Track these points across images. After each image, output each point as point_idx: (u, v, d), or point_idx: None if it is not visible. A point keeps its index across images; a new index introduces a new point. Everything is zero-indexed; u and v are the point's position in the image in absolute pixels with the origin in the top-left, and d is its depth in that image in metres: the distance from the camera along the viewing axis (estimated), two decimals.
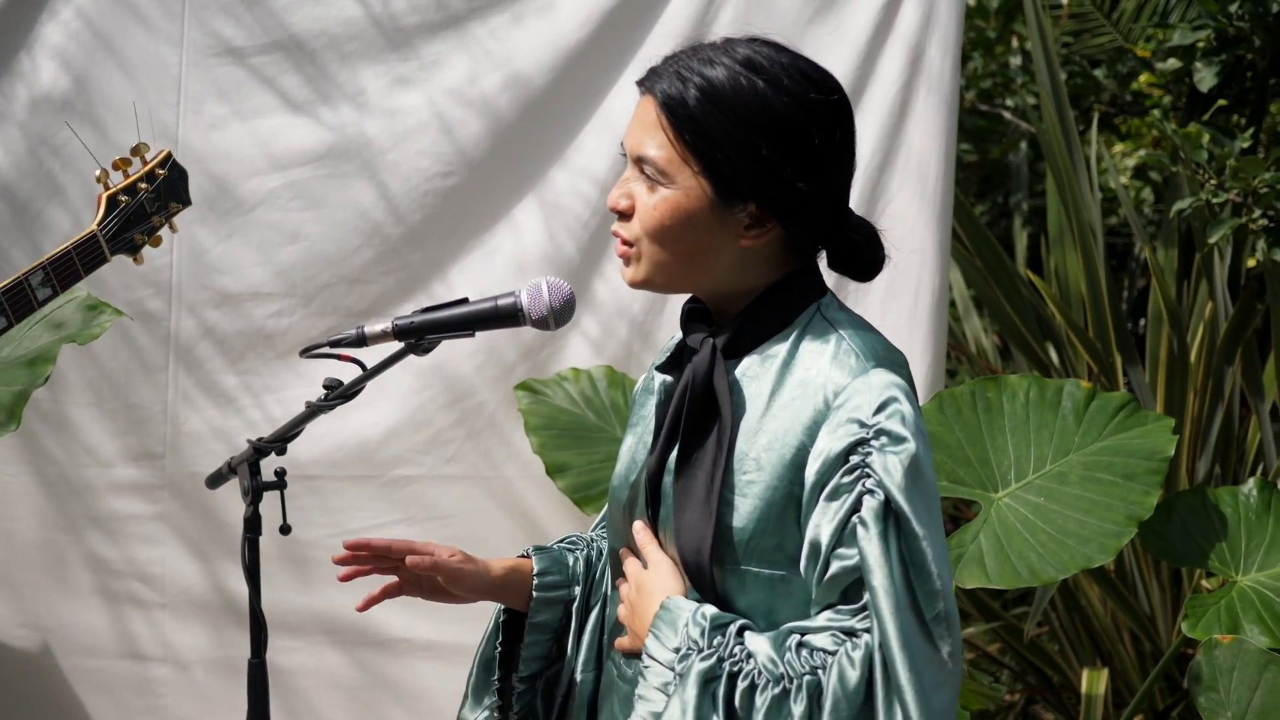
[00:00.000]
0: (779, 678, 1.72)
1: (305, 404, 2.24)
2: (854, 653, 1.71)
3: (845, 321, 1.85)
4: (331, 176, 3.14)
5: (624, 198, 1.85)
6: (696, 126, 1.77)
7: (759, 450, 1.79)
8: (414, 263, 3.19)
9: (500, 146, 3.17)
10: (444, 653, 3.27)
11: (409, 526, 3.23)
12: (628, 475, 1.97)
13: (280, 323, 3.17)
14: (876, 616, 1.70)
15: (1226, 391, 3.84)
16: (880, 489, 1.72)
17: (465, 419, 3.24)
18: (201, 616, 3.25)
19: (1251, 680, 2.22)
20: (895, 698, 1.69)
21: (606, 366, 3.27)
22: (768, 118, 1.76)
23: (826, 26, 3.14)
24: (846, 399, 1.76)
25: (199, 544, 3.24)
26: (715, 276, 1.84)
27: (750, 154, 1.76)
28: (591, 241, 3.23)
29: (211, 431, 3.20)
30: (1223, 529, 2.86)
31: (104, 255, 2.37)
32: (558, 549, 2.12)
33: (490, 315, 1.97)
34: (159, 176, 2.43)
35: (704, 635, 1.75)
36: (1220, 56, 3.86)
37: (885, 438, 1.73)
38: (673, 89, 1.79)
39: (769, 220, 1.79)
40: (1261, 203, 3.42)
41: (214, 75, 3.10)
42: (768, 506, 1.77)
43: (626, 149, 1.86)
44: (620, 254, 1.87)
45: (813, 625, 1.75)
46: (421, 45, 3.14)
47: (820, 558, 1.74)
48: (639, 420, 2.00)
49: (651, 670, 1.78)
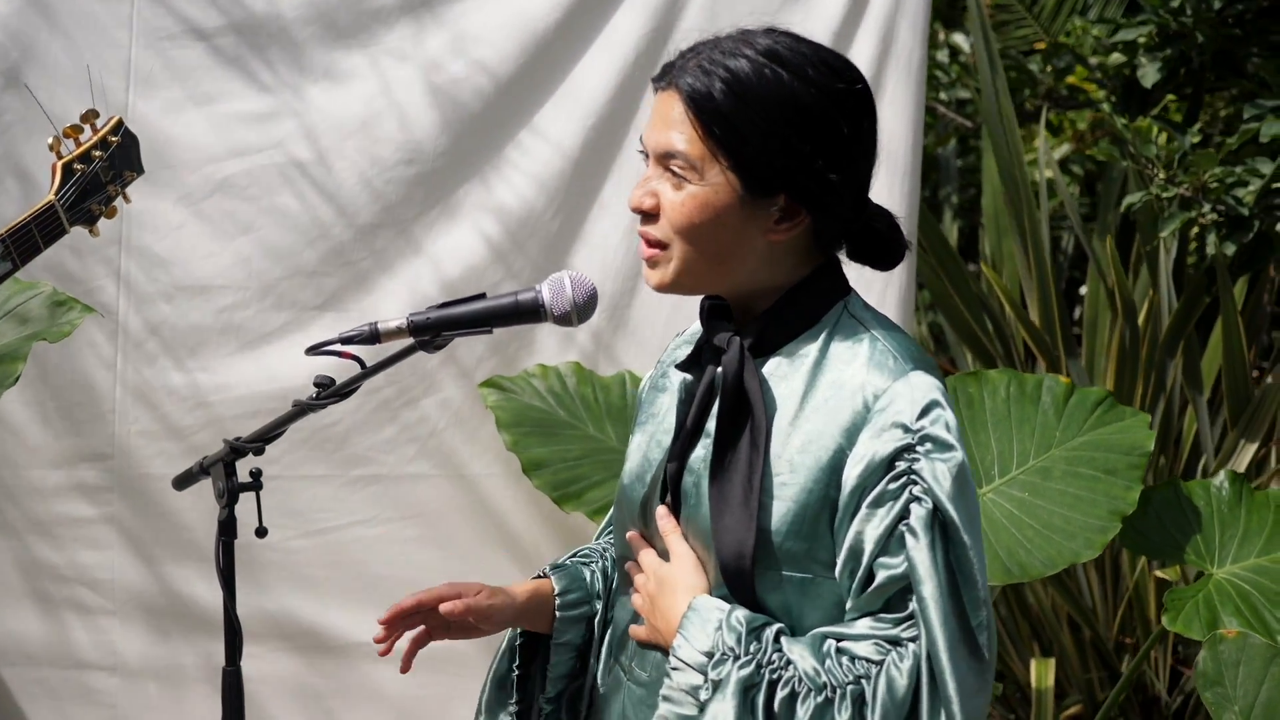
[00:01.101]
0: (821, 686, 1.68)
1: (293, 403, 2.14)
2: (902, 663, 1.68)
3: (874, 321, 1.82)
4: (289, 164, 3.03)
5: (648, 196, 1.80)
6: (725, 121, 1.72)
7: (793, 452, 1.75)
8: (375, 253, 3.08)
9: (462, 133, 3.08)
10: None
11: (371, 527, 3.15)
12: (641, 474, 1.92)
13: (235, 317, 3.05)
14: (925, 626, 1.67)
15: (1168, 383, 3.89)
16: (929, 496, 1.69)
17: (430, 416, 3.15)
18: (152, 623, 3.13)
19: (1258, 674, 2.23)
20: (942, 707, 1.68)
21: (574, 363, 3.20)
22: (795, 109, 1.72)
23: (799, 9, 3.11)
24: (889, 402, 1.72)
25: (149, 548, 3.11)
26: (743, 274, 1.79)
27: (781, 147, 1.72)
28: (558, 232, 3.16)
29: (163, 431, 3.07)
30: (1196, 522, 2.89)
31: (63, 226, 2.27)
32: (573, 565, 2.07)
33: (510, 311, 1.90)
34: (112, 144, 2.33)
35: (740, 641, 1.71)
36: (1164, 52, 3.89)
37: (931, 444, 1.71)
38: (698, 83, 1.74)
39: (799, 213, 1.76)
40: (1210, 197, 3.46)
41: (166, 58, 2.98)
42: (802, 509, 1.74)
43: (648, 146, 1.81)
44: (647, 256, 1.82)
45: (852, 633, 1.72)
46: (382, 30, 3.05)
47: (863, 565, 1.71)
48: (648, 418, 1.96)
49: (680, 672, 1.73)
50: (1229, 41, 3.87)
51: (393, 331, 1.93)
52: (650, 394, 1.99)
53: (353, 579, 3.16)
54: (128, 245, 3.01)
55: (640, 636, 1.86)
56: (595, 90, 3.11)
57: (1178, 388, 3.93)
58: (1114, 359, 3.76)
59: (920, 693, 1.68)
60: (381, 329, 1.93)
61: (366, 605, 3.16)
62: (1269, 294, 4.22)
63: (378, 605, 3.14)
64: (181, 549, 3.10)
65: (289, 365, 3.06)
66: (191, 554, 3.11)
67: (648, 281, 1.83)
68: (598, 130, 3.12)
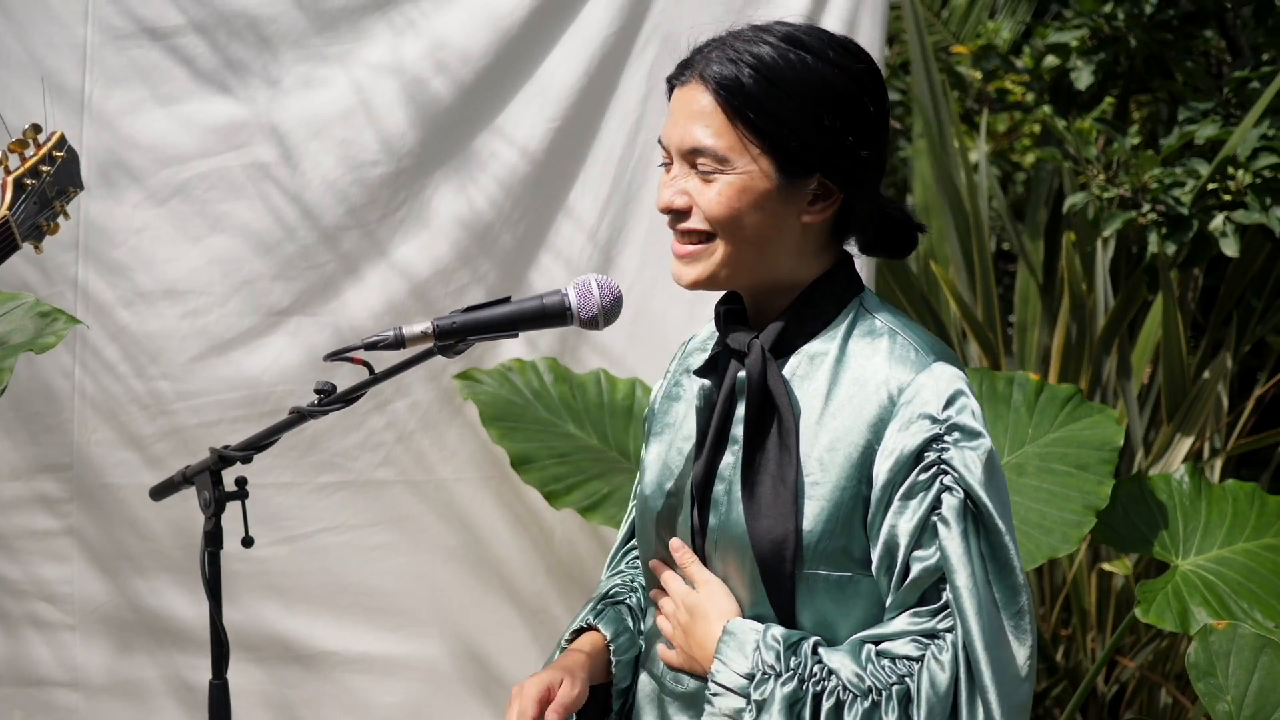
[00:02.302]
0: (866, 691, 1.70)
1: (291, 410, 2.10)
2: (941, 655, 1.70)
3: (891, 316, 1.84)
4: (253, 165, 2.96)
5: (679, 195, 1.80)
6: (757, 104, 1.73)
7: (821, 451, 1.76)
8: (342, 256, 3.03)
9: (429, 134, 3.04)
10: (375, 665, 3.14)
11: (340, 534, 3.09)
12: (661, 484, 1.91)
13: (199, 321, 2.98)
14: (960, 616, 1.68)
15: (1104, 376, 3.97)
16: (959, 485, 1.71)
17: (398, 421, 3.10)
18: (114, 637, 3.05)
19: (1248, 664, 2.27)
20: (979, 696, 1.69)
21: (550, 359, 3.18)
22: (823, 88, 1.74)
23: (765, 4, 3.12)
24: (914, 394, 1.74)
25: (111, 560, 3.03)
26: (778, 262, 1.80)
27: (814, 125, 1.74)
28: (527, 229, 3.14)
29: (124, 439, 2.99)
30: (1161, 515, 2.95)
31: (16, 242, 2.20)
32: (614, 610, 2.04)
33: (536, 314, 1.89)
34: (57, 159, 2.26)
35: (779, 658, 1.72)
36: (1098, 56, 3.97)
37: (959, 433, 1.72)
38: (726, 71, 1.75)
39: (833, 192, 1.77)
40: (1149, 197, 3.54)
41: (127, 56, 2.90)
42: (835, 508, 1.74)
43: (671, 145, 1.81)
44: (686, 254, 1.81)
45: (889, 632, 1.73)
46: (347, 29, 2.99)
47: (899, 559, 1.72)
48: (664, 427, 1.95)
49: (721, 698, 1.74)
50: (1160, 46, 3.97)
51: (418, 336, 1.91)
52: (664, 403, 1.98)
53: (321, 586, 3.11)
54: (85, 250, 2.92)
55: (672, 662, 1.85)
56: (562, 89, 3.09)
57: (1112, 383, 4.02)
58: (1058, 355, 3.83)
59: (959, 684, 1.69)
60: (407, 334, 1.90)
61: (336, 612, 3.13)
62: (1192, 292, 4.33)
63: (347, 612, 3.13)
64: (144, 560, 3.02)
65: (255, 370, 3.00)
66: (154, 565, 3.03)
67: (679, 279, 1.82)
68: (563, 131, 3.11)
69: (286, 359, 3.01)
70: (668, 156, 1.82)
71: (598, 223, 3.18)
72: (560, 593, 3.24)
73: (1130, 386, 3.97)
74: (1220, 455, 3.87)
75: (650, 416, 2.02)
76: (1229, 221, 3.46)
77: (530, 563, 3.21)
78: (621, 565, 2.13)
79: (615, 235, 3.19)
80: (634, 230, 3.20)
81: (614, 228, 3.18)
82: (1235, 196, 3.49)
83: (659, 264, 3.18)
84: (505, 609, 3.20)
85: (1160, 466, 3.74)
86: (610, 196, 3.17)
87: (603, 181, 3.16)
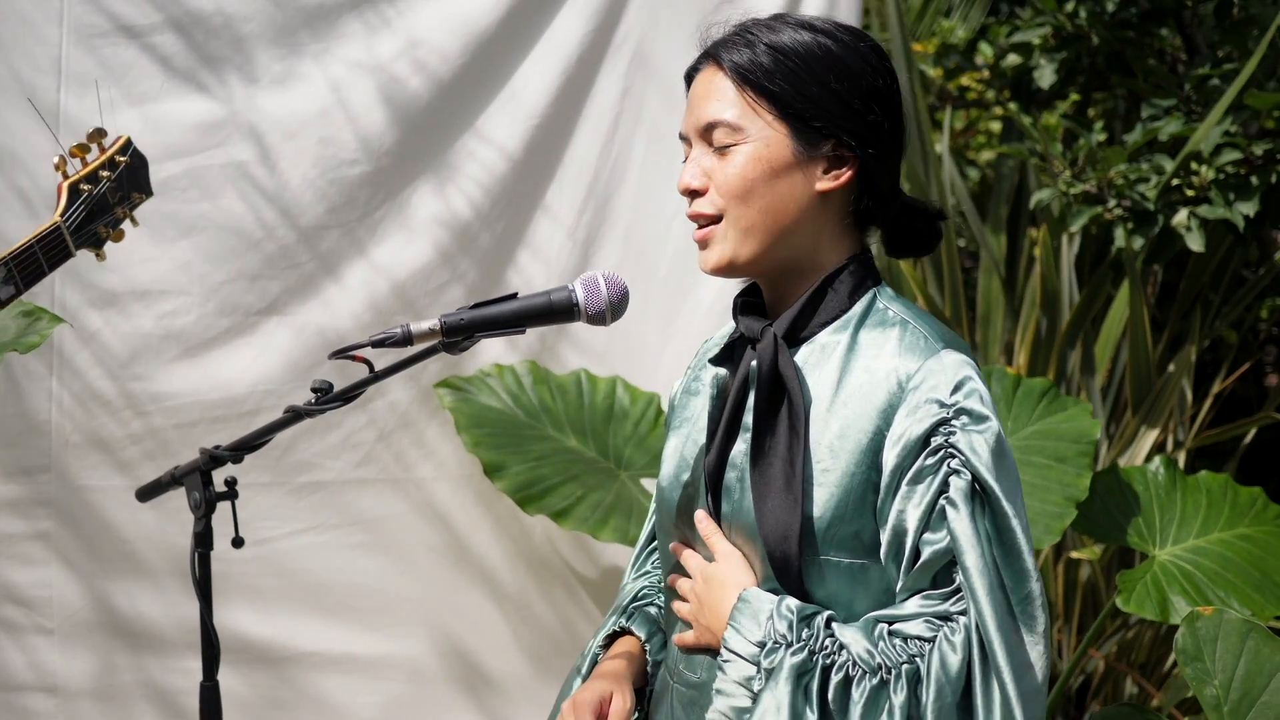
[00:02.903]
0: (875, 668, 1.70)
1: (286, 409, 2.08)
2: (954, 637, 1.70)
3: (904, 308, 1.85)
4: (230, 165, 2.94)
5: (697, 175, 1.82)
6: (770, 74, 1.78)
7: (832, 438, 1.77)
8: (320, 256, 3.02)
9: (407, 134, 3.03)
10: (356, 665, 3.13)
11: (319, 534, 3.07)
12: (678, 475, 1.92)
13: (175, 323, 2.95)
14: (971, 597, 1.69)
15: (1069, 370, 4.02)
16: (966, 469, 1.71)
17: (376, 420, 3.09)
18: (91, 641, 3.02)
19: (1235, 649, 2.30)
20: (994, 678, 1.69)
21: (530, 362, 3.17)
22: (833, 60, 1.79)
23: (737, 10, 3.13)
24: (922, 380, 1.75)
25: (87, 563, 2.99)
26: (795, 239, 1.81)
27: (822, 88, 1.78)
28: (505, 228, 3.13)
29: (100, 442, 2.96)
30: (1137, 506, 2.99)
31: (68, 249, 2.15)
32: (642, 613, 2.03)
33: (543, 311, 1.89)
34: (120, 164, 2.22)
35: (792, 628, 1.72)
36: (1061, 54, 4.02)
37: (966, 416, 1.73)
38: (740, 53, 1.80)
39: (846, 161, 1.80)
40: (1115, 192, 3.59)
41: (101, 55, 2.87)
42: (845, 494, 1.75)
43: (689, 129, 1.84)
44: (701, 237, 1.83)
45: (901, 613, 1.73)
46: (324, 29, 2.98)
47: (908, 543, 1.73)
48: (683, 421, 1.96)
49: (732, 665, 1.74)
50: (1121, 44, 4.01)
51: (425, 333, 1.89)
52: (683, 398, 1.99)
53: (298, 588, 3.09)
54: None
55: (687, 642, 1.85)
56: (538, 90, 3.09)
57: (1076, 377, 4.06)
58: (1027, 349, 3.87)
59: (973, 666, 1.69)
60: (414, 331, 1.88)
61: (312, 614, 3.11)
62: (1151, 287, 4.39)
63: (323, 614, 3.11)
64: (121, 563, 2.99)
65: (233, 372, 2.98)
66: (131, 568, 3.00)
67: (703, 266, 1.83)
68: (541, 131, 3.11)
69: (265, 360, 2.99)
70: (689, 148, 1.84)
71: (576, 222, 3.18)
72: (541, 589, 3.23)
73: (1094, 381, 4.01)
74: (1184, 448, 3.92)
75: (670, 413, 2.03)
76: (1193, 216, 3.50)
77: (511, 560, 3.21)
78: (647, 566, 2.12)
79: (593, 234, 3.19)
80: (612, 229, 3.21)
81: (592, 226, 3.19)
82: (1199, 192, 3.54)
83: (637, 262, 3.19)
84: (486, 606, 3.19)
85: (1125, 459, 3.79)
86: (588, 196, 3.17)
87: (580, 181, 3.17)
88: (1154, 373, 3.79)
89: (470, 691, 3.20)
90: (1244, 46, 3.80)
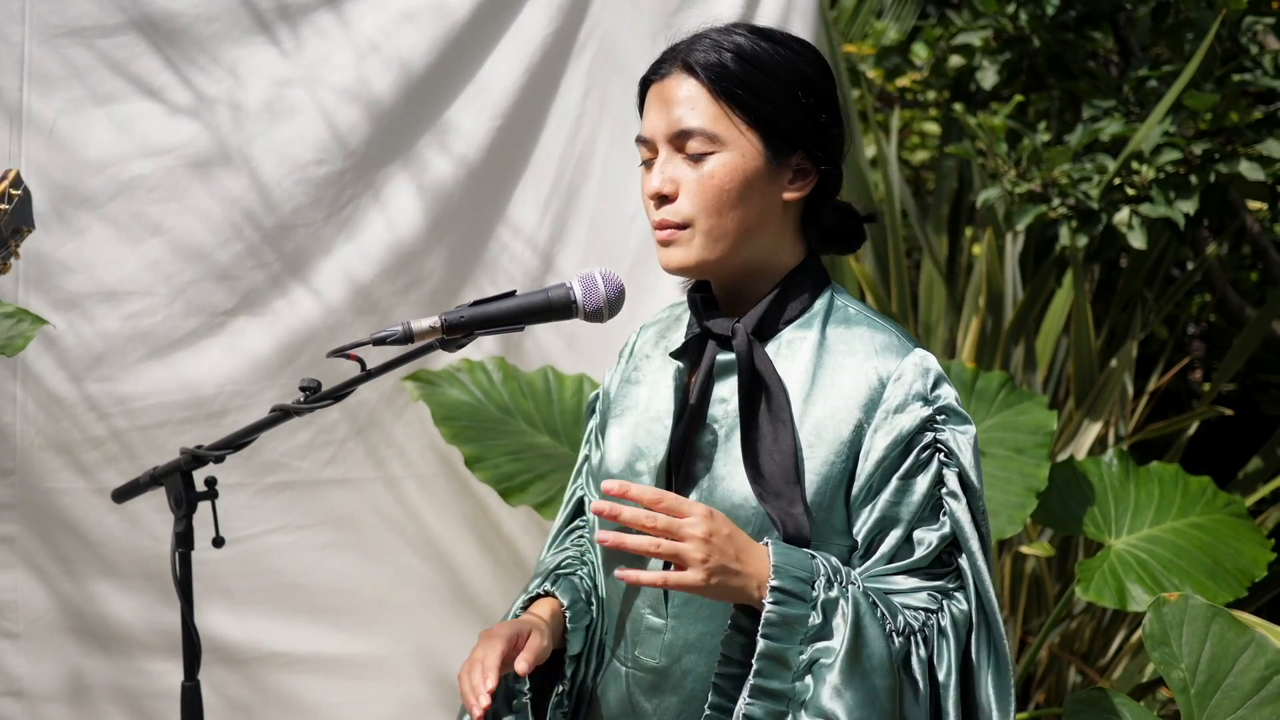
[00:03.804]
0: (901, 629, 1.78)
1: (273, 408, 2.10)
2: (962, 605, 1.82)
3: (861, 307, 1.95)
4: (197, 164, 2.93)
5: (668, 182, 1.86)
6: (742, 83, 1.82)
7: (811, 428, 1.84)
8: (286, 255, 3.01)
9: (373, 133, 3.04)
10: (326, 665, 3.13)
11: (288, 534, 3.07)
12: (632, 463, 1.95)
13: (143, 323, 2.93)
14: (975, 576, 1.82)
15: (1012, 366, 4.10)
16: (956, 464, 1.83)
17: (344, 418, 3.09)
18: (57, 644, 2.99)
19: (1200, 633, 2.37)
20: (993, 644, 1.82)
21: (498, 358, 3.19)
22: (796, 71, 1.85)
23: (697, 8, 3.17)
24: (901, 377, 1.84)
25: (52, 567, 2.97)
26: (761, 243, 1.87)
27: (794, 101, 1.84)
28: (471, 227, 3.15)
29: (66, 444, 2.93)
30: (1093, 497, 3.06)
31: None
32: (566, 581, 2.04)
33: (542, 308, 1.92)
34: (14, 197, 2.19)
35: (839, 571, 1.78)
36: (1003, 55, 4.10)
37: (949, 415, 1.85)
38: (709, 57, 1.84)
39: (811, 169, 1.87)
40: (1059, 191, 3.67)
41: (65, 55, 2.84)
42: (824, 482, 1.83)
43: (656, 134, 1.87)
44: (667, 239, 1.87)
45: (903, 587, 1.82)
46: (289, 27, 2.98)
47: (899, 531, 1.82)
48: (625, 410, 2.00)
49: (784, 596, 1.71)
50: (1061, 46, 4.10)
51: (426, 331, 1.92)
52: (623, 387, 2.03)
53: (267, 588, 3.08)
54: (25, 254, 2.86)
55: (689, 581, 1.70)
56: (503, 89, 3.11)
57: (1019, 372, 4.14)
58: (972, 345, 3.94)
59: (976, 630, 1.82)
60: (415, 329, 1.91)
61: (281, 614, 3.11)
62: (1090, 284, 4.48)
63: (293, 614, 3.11)
64: (86, 566, 2.97)
65: (200, 372, 2.97)
66: (97, 571, 2.98)
67: (665, 265, 1.88)
68: (506, 129, 3.13)
69: (232, 359, 2.98)
70: (650, 152, 1.87)
71: (540, 219, 3.20)
72: (510, 585, 3.25)
73: (1036, 376, 4.10)
74: (1125, 441, 4.02)
75: (605, 401, 2.06)
76: (1135, 215, 3.59)
77: (479, 556, 3.22)
78: (566, 544, 2.15)
79: (558, 231, 3.22)
80: (575, 227, 3.23)
81: (556, 223, 3.22)
82: (1140, 191, 3.62)
83: (599, 260, 3.21)
84: (455, 603, 3.21)
85: (1069, 453, 3.87)
86: (552, 193, 3.20)
87: (545, 178, 3.19)
88: (1096, 368, 3.88)
89: (438, 689, 3.21)
90: (1180, 49, 3.90)
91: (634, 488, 1.72)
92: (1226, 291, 4.36)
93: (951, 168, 4.47)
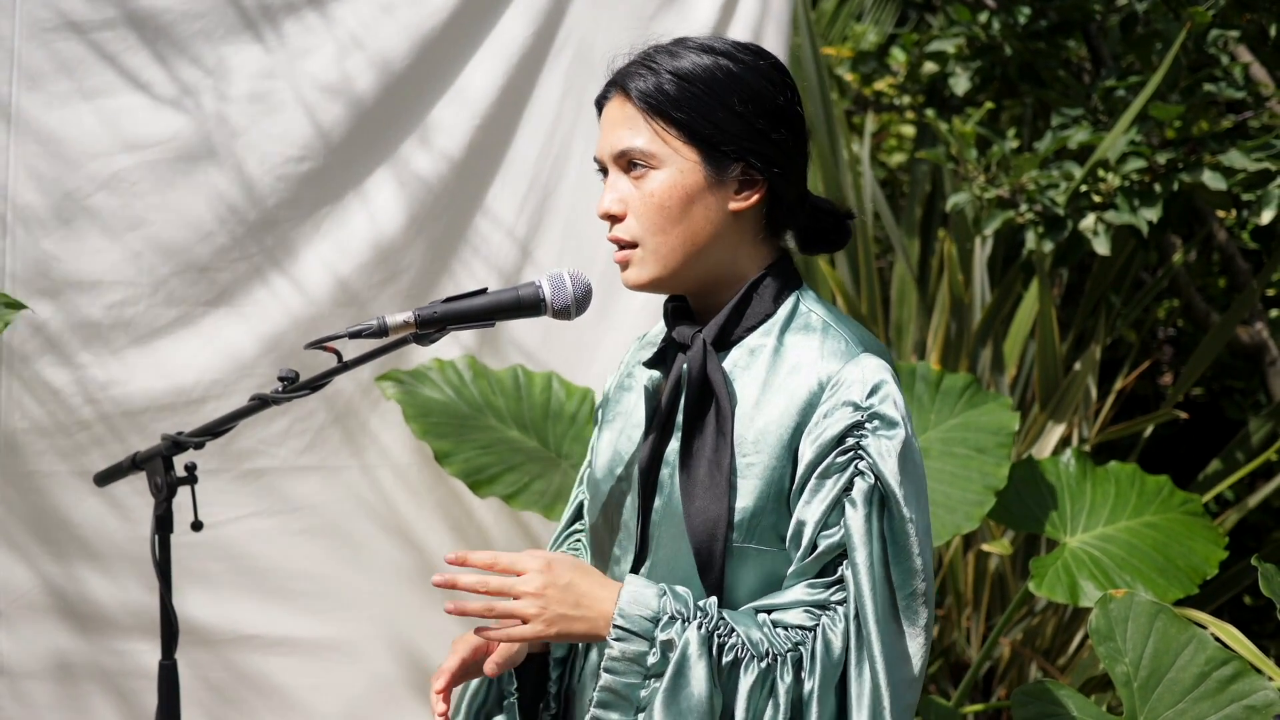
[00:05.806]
0: (764, 654, 1.81)
1: (252, 397, 2.17)
2: (835, 625, 1.82)
3: (827, 311, 1.97)
4: (180, 159, 2.99)
5: (615, 202, 1.92)
6: (675, 102, 1.87)
7: (756, 434, 1.88)
8: (267, 249, 3.08)
9: (354, 131, 3.11)
10: (299, 649, 3.20)
11: (264, 519, 3.14)
12: (612, 469, 2.02)
13: (124, 313, 3.00)
14: (855, 590, 1.82)
15: (979, 368, 4.18)
16: (871, 471, 1.84)
17: (320, 407, 3.16)
18: (36, 624, 3.06)
19: (1144, 629, 2.45)
20: (868, 664, 1.82)
21: (469, 357, 3.26)
22: (734, 81, 1.89)
23: (674, 13, 3.24)
24: (839, 382, 1.87)
25: (34, 547, 3.03)
26: (712, 256, 1.92)
27: (727, 111, 1.87)
28: (448, 224, 3.22)
29: (46, 430, 3.00)
30: (1051, 496, 3.14)
31: None
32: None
33: (511, 305, 1.98)
34: None
35: (688, 606, 1.81)
36: (975, 63, 4.18)
37: (878, 421, 1.85)
38: (645, 81, 1.89)
39: (757, 179, 1.90)
40: (1027, 197, 3.75)
41: (53, 49, 2.91)
42: (767, 486, 1.87)
43: (603, 156, 1.94)
44: (621, 259, 1.93)
45: (781, 602, 1.85)
46: (273, 25, 3.04)
47: (807, 534, 1.85)
48: (616, 415, 2.06)
49: (624, 642, 1.79)
50: (1032, 54, 4.19)
51: (400, 325, 1.98)
52: (617, 393, 2.10)
53: (242, 573, 3.15)
54: (12, 242, 2.93)
55: (525, 635, 1.80)
56: (482, 90, 3.18)
57: (987, 374, 4.23)
58: (939, 347, 4.02)
59: (849, 652, 1.82)
60: (390, 323, 1.98)
61: (256, 599, 3.18)
62: (1056, 289, 4.56)
63: (267, 599, 3.17)
64: (68, 548, 3.04)
65: (180, 361, 3.03)
66: (78, 553, 3.05)
67: (625, 283, 1.94)
68: (485, 130, 3.20)
69: (212, 350, 3.05)
70: (604, 174, 1.94)
71: (516, 219, 3.27)
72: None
73: (1003, 378, 4.18)
74: (1088, 442, 4.10)
75: (604, 405, 2.12)
76: (1100, 221, 3.67)
77: (454, 544, 3.29)
78: (564, 546, 2.22)
79: (533, 231, 3.29)
80: (551, 227, 3.30)
81: (531, 224, 3.29)
82: (1106, 198, 3.71)
83: (574, 259, 3.28)
84: (429, 591, 3.27)
85: (1033, 453, 3.96)
86: (528, 194, 3.27)
87: (521, 179, 3.26)
88: (1060, 371, 3.97)
89: (410, 675, 3.28)
90: (1148, 60, 3.98)
91: (472, 555, 1.82)
92: (1193, 297, 4.44)
93: (925, 172, 4.55)
